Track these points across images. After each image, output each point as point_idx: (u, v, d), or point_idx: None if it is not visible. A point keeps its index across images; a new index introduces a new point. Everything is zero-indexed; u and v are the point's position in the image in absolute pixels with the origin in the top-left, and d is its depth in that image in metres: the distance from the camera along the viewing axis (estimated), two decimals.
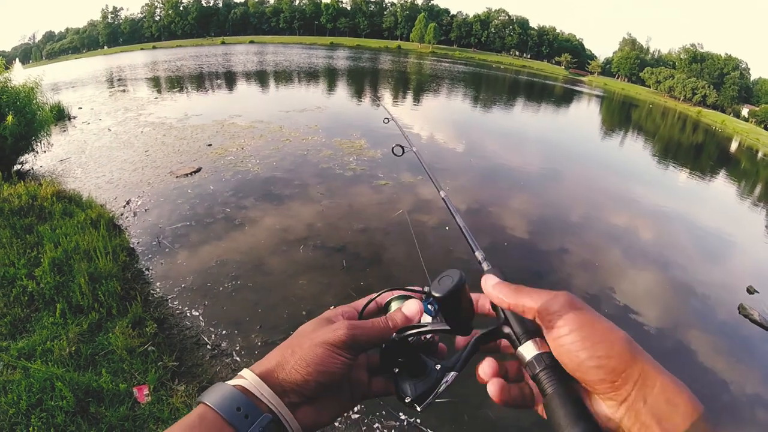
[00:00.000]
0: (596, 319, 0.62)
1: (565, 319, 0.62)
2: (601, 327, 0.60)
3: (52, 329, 5.24)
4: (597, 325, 0.61)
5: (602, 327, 0.60)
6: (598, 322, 0.61)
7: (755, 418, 6.58)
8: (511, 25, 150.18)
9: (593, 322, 0.61)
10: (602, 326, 0.61)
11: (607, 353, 0.58)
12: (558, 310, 0.63)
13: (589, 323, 0.61)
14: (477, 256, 0.97)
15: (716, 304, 9.54)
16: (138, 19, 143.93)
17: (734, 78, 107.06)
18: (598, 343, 0.59)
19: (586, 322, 0.61)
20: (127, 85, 31.80)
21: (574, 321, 0.61)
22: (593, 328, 0.60)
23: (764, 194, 25.40)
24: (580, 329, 0.61)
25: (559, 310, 0.63)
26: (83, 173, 11.88)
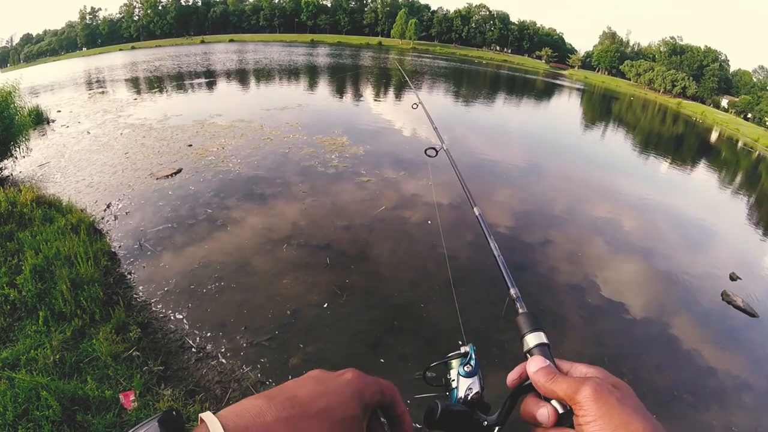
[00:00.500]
0: (615, 411, 0.65)
1: (587, 409, 0.67)
2: (618, 420, 0.64)
3: (35, 338, 5.21)
4: (615, 417, 0.64)
5: (620, 420, 0.64)
6: (616, 413, 0.64)
7: (741, 402, 6.71)
8: (491, 20, 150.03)
9: (611, 414, 0.64)
10: (620, 419, 0.64)
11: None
12: (581, 401, 0.68)
13: (608, 415, 0.65)
14: (511, 294, 1.03)
15: (700, 291, 9.68)
16: (116, 19, 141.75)
17: (714, 70, 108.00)
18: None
19: (605, 414, 0.65)
20: (106, 86, 31.48)
21: (596, 412, 0.66)
22: (611, 421, 0.64)
23: (745, 183, 25.79)
24: (597, 421, 0.65)
25: (583, 401, 0.68)
26: (63, 178, 11.77)
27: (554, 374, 0.76)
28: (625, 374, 6.61)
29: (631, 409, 0.65)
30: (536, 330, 0.87)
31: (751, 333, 8.54)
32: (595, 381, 0.70)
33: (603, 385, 0.69)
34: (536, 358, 0.82)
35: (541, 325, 0.88)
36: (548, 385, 0.75)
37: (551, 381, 0.75)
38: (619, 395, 0.68)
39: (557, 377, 0.75)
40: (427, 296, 7.58)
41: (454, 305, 7.41)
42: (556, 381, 0.74)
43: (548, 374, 0.77)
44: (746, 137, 56.77)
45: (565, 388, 0.71)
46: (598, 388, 0.68)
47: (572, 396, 0.70)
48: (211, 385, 5.29)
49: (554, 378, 0.75)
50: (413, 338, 6.62)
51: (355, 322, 6.82)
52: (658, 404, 6.18)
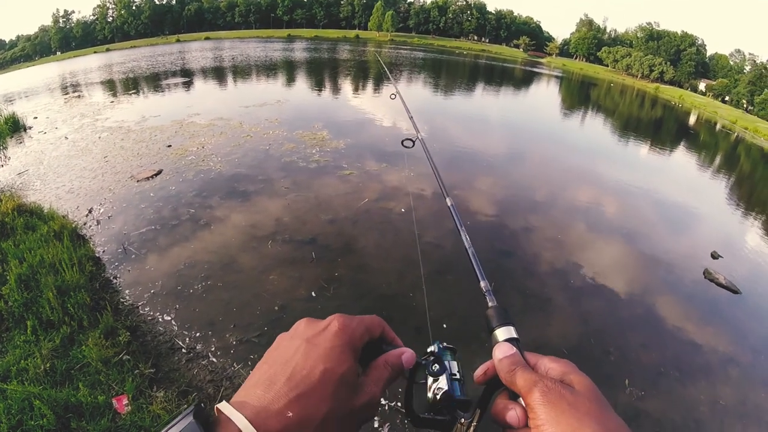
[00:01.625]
0: (564, 416, 0.64)
1: (537, 412, 0.66)
2: (565, 425, 0.63)
3: (24, 347, 5.20)
4: (563, 423, 0.63)
5: (567, 426, 0.63)
6: (564, 419, 0.64)
7: (727, 376, 6.83)
8: (468, 10, 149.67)
9: (559, 420, 0.64)
10: (567, 424, 0.63)
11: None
12: (532, 404, 0.68)
13: (556, 420, 0.64)
14: (481, 287, 1.02)
15: (682, 270, 9.83)
16: (90, 21, 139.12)
17: (691, 54, 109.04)
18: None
19: (553, 419, 0.64)
20: (82, 90, 31.04)
21: (545, 416, 0.65)
22: (558, 425, 0.63)
23: (724, 164, 26.16)
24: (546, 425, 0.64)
25: (533, 404, 0.68)
26: (43, 185, 11.65)
27: (516, 366, 0.76)
28: (611, 353, 6.72)
29: (582, 414, 0.64)
30: (506, 324, 0.86)
31: (734, 309, 8.69)
32: (546, 383, 0.69)
33: (553, 389, 0.68)
34: (503, 345, 0.81)
35: (512, 319, 0.87)
36: (509, 375, 0.75)
37: (512, 372, 0.75)
38: (571, 399, 0.67)
39: (518, 369, 0.75)
40: (415, 285, 7.62)
41: (442, 293, 7.49)
42: (516, 373, 0.74)
43: (511, 364, 0.77)
44: (724, 119, 57.83)
45: (521, 386, 0.72)
46: (548, 391, 0.68)
47: (524, 397, 0.70)
48: (204, 385, 5.32)
49: (515, 369, 0.75)
50: (402, 327, 6.65)
51: (343, 314, 6.86)
52: (645, 381, 6.28)
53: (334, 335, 0.74)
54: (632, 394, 5.96)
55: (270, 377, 0.67)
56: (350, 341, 0.75)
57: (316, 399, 0.65)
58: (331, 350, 0.71)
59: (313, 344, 0.72)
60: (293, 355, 0.71)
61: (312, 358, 0.69)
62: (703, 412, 6.01)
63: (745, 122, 55.90)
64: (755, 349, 7.59)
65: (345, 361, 0.71)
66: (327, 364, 0.69)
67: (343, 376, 0.69)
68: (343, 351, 0.72)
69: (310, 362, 0.69)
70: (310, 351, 0.71)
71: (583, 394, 0.68)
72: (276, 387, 0.65)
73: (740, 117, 61.43)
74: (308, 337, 0.74)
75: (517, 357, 0.78)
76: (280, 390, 0.64)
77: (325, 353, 0.70)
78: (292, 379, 0.66)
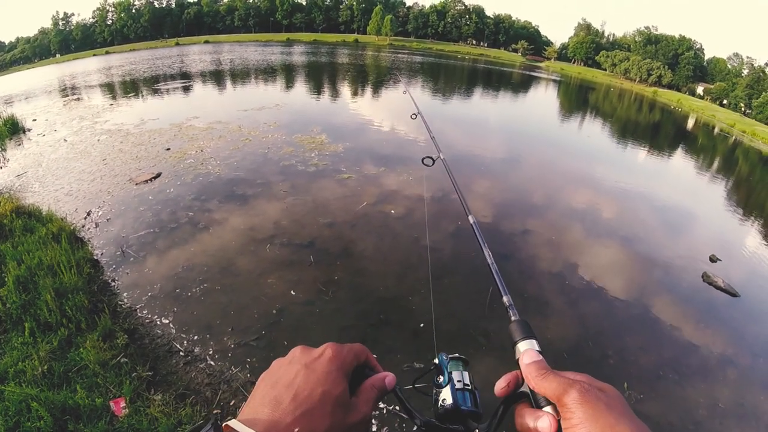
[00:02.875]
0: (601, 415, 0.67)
1: (574, 412, 0.70)
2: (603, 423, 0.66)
3: (22, 349, 5.19)
4: (601, 420, 0.67)
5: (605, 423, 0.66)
6: (603, 417, 0.67)
7: (726, 379, 6.83)
8: (467, 15, 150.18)
9: (597, 418, 0.67)
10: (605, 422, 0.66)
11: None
12: (568, 404, 0.71)
13: (594, 418, 0.67)
14: (504, 302, 1.08)
15: (681, 273, 9.85)
16: (89, 24, 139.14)
17: (688, 58, 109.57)
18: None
19: (591, 417, 0.68)
20: (81, 93, 31.03)
21: (582, 415, 0.68)
22: (596, 423, 0.67)
23: (722, 167, 26.24)
24: (583, 423, 0.68)
25: (570, 403, 0.71)
26: (41, 187, 11.65)
27: (546, 370, 0.81)
28: (610, 356, 6.72)
29: (618, 414, 0.68)
30: (528, 338, 0.90)
31: (732, 312, 8.71)
32: (583, 384, 0.73)
33: (590, 389, 0.72)
34: (530, 352, 0.87)
35: (534, 333, 0.91)
36: (539, 380, 0.79)
37: (542, 377, 0.79)
38: (606, 400, 0.70)
39: (548, 374, 0.79)
40: (413, 289, 7.63)
41: (439, 297, 7.50)
42: (547, 377, 0.78)
43: (540, 369, 0.81)
44: (722, 123, 58.21)
45: (555, 388, 0.75)
46: (586, 391, 0.71)
47: (560, 397, 0.73)
48: (201, 388, 5.31)
49: (545, 374, 0.79)
50: (400, 331, 6.67)
51: (341, 317, 6.86)
52: (643, 384, 6.29)
53: (329, 361, 0.82)
54: (631, 396, 5.97)
55: (275, 398, 0.74)
56: (342, 366, 0.83)
57: (318, 416, 0.73)
58: (328, 374, 0.79)
59: (311, 369, 0.80)
60: (294, 378, 0.78)
61: (312, 381, 0.77)
62: (701, 414, 6.01)
63: (743, 125, 56.16)
64: (753, 352, 7.60)
65: (339, 384, 0.79)
66: (325, 387, 0.77)
67: (338, 397, 0.77)
68: (338, 375, 0.81)
69: (310, 385, 0.77)
70: (309, 375, 0.79)
71: (615, 397, 0.73)
72: (282, 406, 0.72)
73: (738, 120, 61.76)
74: (306, 363, 0.82)
75: (545, 364, 0.84)
76: (286, 409, 0.72)
77: (322, 377, 0.79)
78: (296, 400, 0.73)
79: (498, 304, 7.39)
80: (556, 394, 0.74)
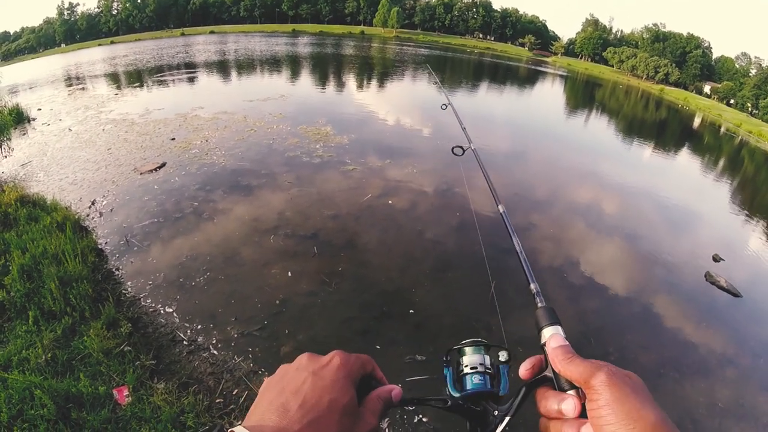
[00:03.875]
0: (628, 398, 0.69)
1: (600, 394, 0.70)
2: (630, 406, 0.68)
3: (26, 337, 5.22)
4: (628, 404, 0.68)
5: (632, 406, 0.67)
6: (629, 400, 0.68)
7: (726, 378, 6.83)
8: (474, 8, 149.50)
9: (624, 401, 0.68)
10: (632, 405, 0.68)
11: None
12: (596, 386, 0.72)
13: (620, 401, 0.68)
14: (531, 289, 1.11)
15: (684, 272, 9.83)
16: (95, 14, 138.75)
17: (696, 56, 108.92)
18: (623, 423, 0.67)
19: (618, 399, 0.69)
20: (86, 82, 31.02)
21: (609, 397, 0.69)
22: (623, 406, 0.68)
23: (728, 167, 26.17)
24: (609, 405, 0.69)
25: (597, 385, 0.72)
26: (46, 176, 11.67)
27: (573, 354, 0.81)
28: (611, 353, 6.72)
29: (642, 398, 0.69)
30: (554, 324, 0.91)
31: (734, 312, 8.69)
32: (610, 368, 0.74)
33: (618, 373, 0.73)
34: (556, 337, 0.88)
35: (559, 319, 0.93)
36: (566, 363, 0.80)
37: (569, 360, 0.80)
38: (633, 384, 0.72)
39: (575, 358, 0.80)
40: (417, 282, 7.65)
41: (442, 290, 7.50)
42: (573, 361, 0.79)
43: (567, 353, 0.82)
44: (728, 123, 58.00)
45: (582, 371, 0.76)
46: (613, 374, 0.72)
47: (587, 380, 0.74)
48: (204, 377, 5.33)
49: (572, 358, 0.80)
50: (403, 324, 6.69)
51: (344, 309, 6.88)
52: (644, 382, 6.29)
53: (337, 369, 0.81)
54: None
55: (283, 404, 0.73)
56: (350, 375, 0.82)
57: (325, 425, 0.72)
58: (336, 382, 0.79)
59: (319, 377, 0.79)
60: (301, 385, 0.77)
61: (319, 389, 0.76)
62: (701, 413, 6.01)
63: (749, 126, 55.85)
64: (755, 353, 7.59)
65: (347, 393, 0.79)
66: (332, 395, 0.76)
67: (346, 406, 0.76)
68: (345, 384, 0.80)
69: (318, 392, 0.76)
70: (317, 382, 0.78)
71: (639, 383, 0.74)
72: (290, 414, 0.71)
73: (745, 120, 61.48)
74: (314, 370, 0.80)
75: (571, 348, 0.84)
76: (293, 416, 0.71)
77: (330, 385, 0.78)
78: (303, 407, 0.72)
79: (499, 299, 7.42)
80: (584, 376, 0.75)
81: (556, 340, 0.86)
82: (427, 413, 5.12)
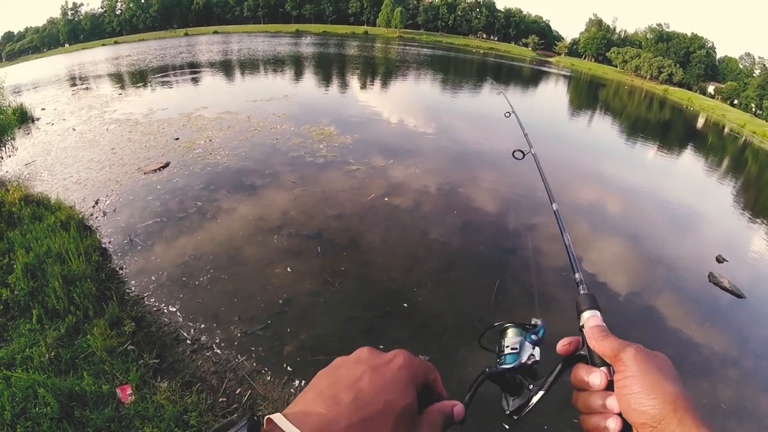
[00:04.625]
0: (652, 372, 0.78)
1: (628, 366, 0.80)
2: (653, 378, 0.76)
3: (30, 336, 5.22)
4: (651, 376, 0.77)
5: (654, 379, 0.76)
6: (653, 374, 0.77)
7: (729, 379, 6.82)
8: (477, 8, 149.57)
9: (648, 374, 0.77)
10: (655, 378, 0.76)
11: (652, 403, 0.75)
12: (625, 359, 0.82)
13: (644, 374, 0.77)
14: (576, 278, 1.24)
15: (687, 273, 9.81)
16: (98, 14, 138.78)
17: (700, 56, 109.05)
18: (645, 392, 0.76)
19: (643, 372, 0.78)
20: (90, 82, 31.06)
21: (636, 369, 0.79)
22: (647, 378, 0.77)
23: (732, 168, 26.16)
24: (634, 377, 0.78)
25: (626, 359, 0.82)
26: (50, 175, 11.69)
27: (607, 333, 0.92)
28: None
29: (665, 374, 0.78)
30: (593, 308, 1.02)
31: (737, 313, 8.69)
32: (639, 346, 0.84)
33: (644, 350, 0.83)
34: (594, 318, 0.99)
35: (598, 305, 1.04)
36: (600, 339, 0.90)
37: (603, 337, 0.90)
38: (657, 361, 0.81)
39: (609, 336, 0.90)
40: (420, 282, 7.64)
41: (446, 290, 7.50)
42: (607, 338, 0.89)
43: (602, 331, 0.93)
44: (732, 123, 58.10)
45: (614, 346, 0.85)
46: (641, 350, 0.82)
47: (617, 353, 0.83)
48: (207, 376, 5.33)
49: (607, 336, 0.90)
50: (407, 323, 6.68)
51: (348, 308, 6.87)
52: None
53: (399, 369, 0.73)
54: None
55: (334, 396, 0.65)
56: (413, 378, 0.74)
57: (379, 426, 0.64)
58: (397, 383, 0.70)
59: (379, 373, 0.71)
60: (358, 379, 0.69)
61: (377, 386, 0.68)
62: (704, 414, 5.95)
63: (753, 126, 55.82)
64: (757, 354, 7.57)
65: (408, 396, 0.70)
66: (391, 395, 0.68)
67: (404, 410, 0.68)
68: (407, 386, 0.71)
69: (376, 389, 0.68)
70: (375, 378, 0.70)
71: (665, 361, 0.83)
72: (339, 408, 0.63)
73: (749, 121, 61.43)
74: (373, 365, 0.73)
75: (606, 328, 0.95)
76: (342, 411, 0.63)
77: (390, 383, 0.70)
78: (357, 402, 0.65)
79: (503, 298, 7.42)
80: (615, 351, 0.85)
81: (594, 321, 0.98)
82: None
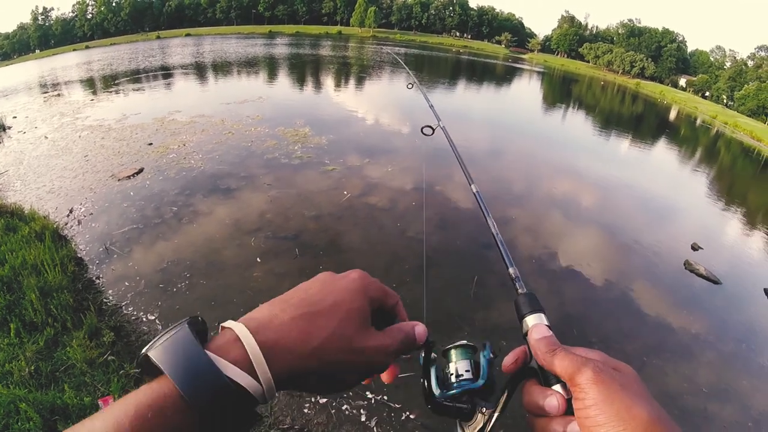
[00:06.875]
0: (616, 395, 0.63)
1: (587, 392, 0.64)
2: (619, 405, 0.62)
3: (8, 350, 5.16)
4: (617, 403, 0.62)
5: (621, 405, 0.62)
6: (618, 398, 0.63)
7: (708, 361, 6.99)
8: (450, 7, 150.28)
9: (612, 400, 0.62)
10: (621, 404, 0.62)
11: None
12: (582, 384, 0.66)
13: (609, 399, 0.63)
14: (510, 273, 1.02)
15: (663, 261, 10.00)
16: (69, 18, 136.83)
17: (671, 50, 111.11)
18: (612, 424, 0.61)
19: (606, 398, 0.63)
20: (62, 88, 30.57)
21: (596, 395, 0.64)
22: (612, 407, 0.62)
23: (704, 158, 26.62)
24: (597, 405, 0.63)
25: (583, 383, 0.66)
26: (23, 185, 11.52)
27: (556, 346, 0.74)
28: (593, 343, 6.80)
29: (633, 394, 0.64)
30: (536, 311, 0.84)
31: (714, 299, 8.90)
32: (597, 363, 0.68)
33: (605, 369, 0.67)
34: (539, 327, 0.80)
35: (542, 306, 0.86)
36: (549, 357, 0.73)
37: (552, 353, 0.73)
38: (622, 380, 0.66)
39: (559, 350, 0.73)
40: (401, 281, 7.66)
41: (426, 287, 7.53)
42: (557, 354, 0.72)
43: (550, 345, 0.75)
44: (704, 115, 59.20)
45: (566, 366, 0.69)
46: (600, 371, 0.66)
47: (572, 376, 0.68)
48: None
49: (556, 351, 0.73)
50: None
51: None
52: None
53: (352, 280, 0.79)
54: None
55: (284, 300, 0.72)
56: (365, 289, 0.78)
57: (321, 322, 0.69)
58: (347, 290, 0.76)
59: (331, 282, 0.77)
60: (310, 286, 0.77)
61: (327, 291, 0.75)
62: (686, 399, 6.13)
63: (725, 117, 57.07)
64: (735, 338, 7.76)
65: (357, 300, 0.75)
66: (339, 297, 0.74)
67: (351, 311, 0.73)
68: (358, 293, 0.76)
69: (324, 293, 0.74)
70: (326, 286, 0.76)
71: (631, 377, 0.69)
72: (283, 306, 0.70)
73: (720, 112, 62.75)
74: (327, 279, 0.79)
75: (555, 339, 0.77)
76: (286, 308, 0.69)
77: (340, 289, 0.75)
78: (303, 301, 0.71)
79: (481, 292, 7.49)
80: (568, 372, 0.68)
81: (539, 331, 0.78)
82: (414, 410, 5.16)
